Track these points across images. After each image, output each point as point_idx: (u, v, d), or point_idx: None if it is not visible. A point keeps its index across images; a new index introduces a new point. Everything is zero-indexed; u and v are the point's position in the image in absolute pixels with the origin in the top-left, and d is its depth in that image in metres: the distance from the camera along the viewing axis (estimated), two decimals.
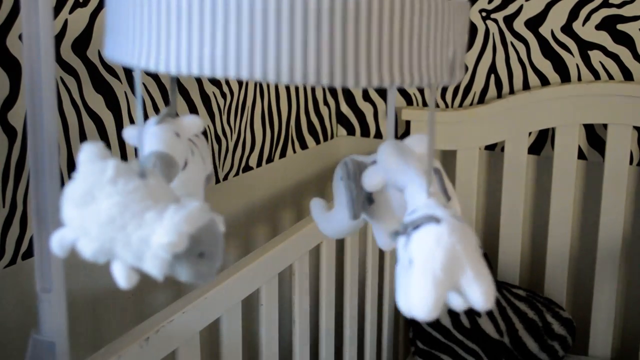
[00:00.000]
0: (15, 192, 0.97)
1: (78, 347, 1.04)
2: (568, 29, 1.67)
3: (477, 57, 1.77)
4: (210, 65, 0.45)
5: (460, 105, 1.81)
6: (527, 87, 1.73)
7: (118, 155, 1.17)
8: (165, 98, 1.23)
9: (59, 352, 0.72)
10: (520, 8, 1.70)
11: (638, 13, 1.60)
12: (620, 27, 1.62)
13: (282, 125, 1.65)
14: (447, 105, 1.82)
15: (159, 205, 0.49)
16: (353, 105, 1.93)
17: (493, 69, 1.76)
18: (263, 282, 1.18)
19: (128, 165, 0.51)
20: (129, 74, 1.15)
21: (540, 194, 1.79)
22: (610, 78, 1.66)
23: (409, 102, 1.86)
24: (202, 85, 1.34)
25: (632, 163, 1.67)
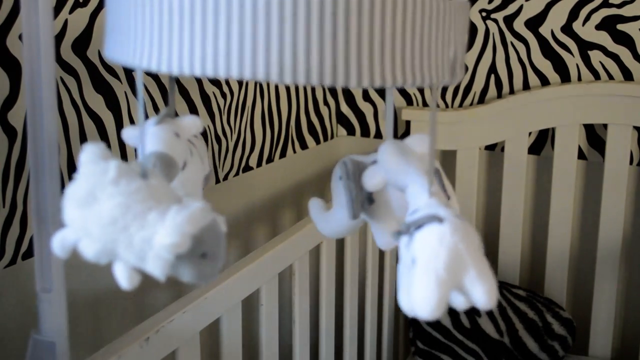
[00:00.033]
0: (15, 192, 0.97)
1: (78, 347, 1.04)
2: (568, 29, 1.67)
3: (477, 57, 1.77)
4: (213, 65, 0.45)
5: (460, 105, 1.81)
6: (527, 87, 1.73)
7: (118, 156, 1.17)
8: (166, 98, 1.23)
9: (59, 352, 0.72)
10: (520, 8, 1.70)
11: (638, 13, 1.60)
12: (620, 27, 1.62)
13: (282, 125, 1.65)
14: (447, 105, 1.82)
15: (161, 206, 0.49)
16: (353, 105, 1.93)
17: (493, 69, 1.76)
18: (263, 282, 1.18)
19: (130, 166, 0.51)
20: (129, 74, 1.15)
21: (540, 194, 1.79)
22: (610, 78, 1.66)
23: (409, 102, 1.86)
24: (202, 85, 1.34)
25: (632, 163, 1.67)
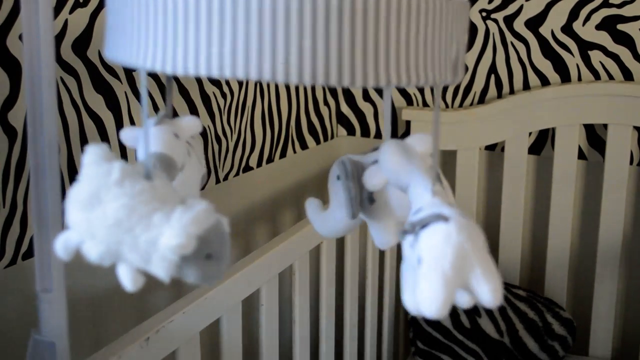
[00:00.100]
0: (16, 192, 0.97)
1: (78, 347, 1.03)
2: (568, 29, 1.67)
3: (477, 57, 1.77)
4: (219, 66, 0.45)
5: (460, 105, 1.81)
6: (527, 87, 1.73)
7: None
8: (166, 98, 1.23)
9: (59, 352, 0.72)
10: (521, 8, 1.70)
11: (638, 13, 1.60)
12: (621, 27, 1.62)
13: (282, 125, 1.65)
14: (447, 105, 1.82)
15: (166, 207, 0.49)
16: (353, 105, 1.93)
17: (493, 69, 1.76)
18: (263, 282, 1.18)
19: (133, 167, 0.51)
20: (129, 74, 1.15)
21: (540, 194, 1.79)
22: (611, 78, 1.66)
23: (409, 102, 1.86)
24: (202, 86, 1.34)
25: (632, 163, 1.67)
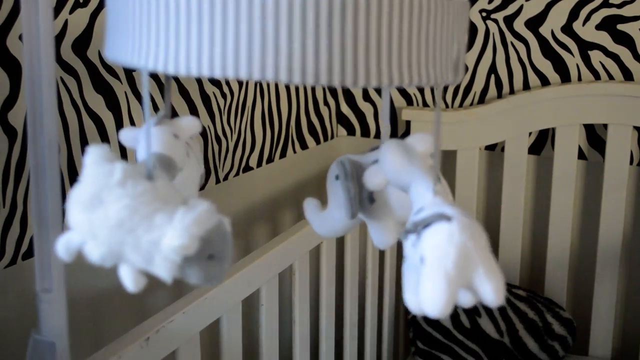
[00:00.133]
0: (16, 192, 0.97)
1: (78, 347, 1.03)
2: (568, 29, 1.67)
3: (477, 57, 1.77)
4: (221, 66, 0.45)
5: (460, 105, 1.81)
6: (527, 87, 1.73)
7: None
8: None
9: (59, 352, 0.72)
10: (521, 8, 1.70)
11: (638, 13, 1.60)
12: (621, 27, 1.62)
13: (282, 125, 1.65)
14: (447, 105, 1.82)
15: (168, 208, 0.49)
16: (353, 105, 1.93)
17: (493, 69, 1.76)
18: (263, 282, 1.18)
19: (135, 168, 0.51)
20: (129, 74, 1.15)
21: (540, 194, 1.79)
22: (611, 78, 1.66)
23: (409, 102, 1.86)
24: (202, 86, 1.34)
25: (632, 163, 1.67)
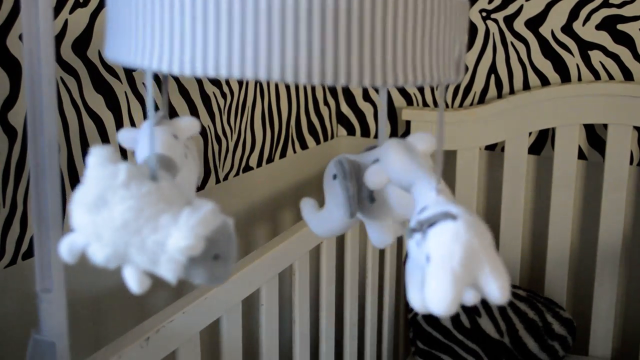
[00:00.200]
0: (16, 192, 0.97)
1: (78, 347, 1.03)
2: (568, 29, 1.67)
3: (477, 57, 1.77)
4: (227, 66, 0.45)
5: (460, 105, 1.81)
6: (527, 87, 1.73)
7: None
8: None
9: (59, 352, 0.72)
10: (521, 8, 1.70)
11: (638, 13, 1.60)
12: (621, 27, 1.62)
13: (282, 125, 1.65)
14: (447, 105, 1.82)
15: (173, 208, 0.49)
16: (353, 105, 1.93)
17: (493, 69, 1.76)
18: (263, 282, 1.18)
19: (139, 169, 0.50)
20: (129, 74, 1.15)
21: (540, 194, 1.79)
22: (611, 78, 1.66)
23: (409, 102, 1.86)
24: (202, 86, 1.34)
25: (632, 163, 1.67)
